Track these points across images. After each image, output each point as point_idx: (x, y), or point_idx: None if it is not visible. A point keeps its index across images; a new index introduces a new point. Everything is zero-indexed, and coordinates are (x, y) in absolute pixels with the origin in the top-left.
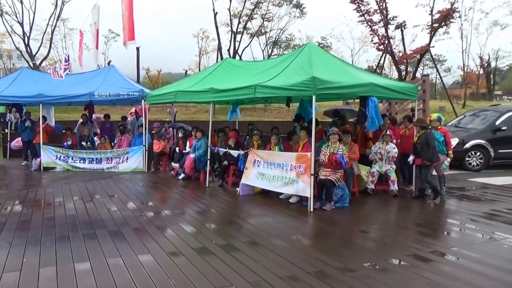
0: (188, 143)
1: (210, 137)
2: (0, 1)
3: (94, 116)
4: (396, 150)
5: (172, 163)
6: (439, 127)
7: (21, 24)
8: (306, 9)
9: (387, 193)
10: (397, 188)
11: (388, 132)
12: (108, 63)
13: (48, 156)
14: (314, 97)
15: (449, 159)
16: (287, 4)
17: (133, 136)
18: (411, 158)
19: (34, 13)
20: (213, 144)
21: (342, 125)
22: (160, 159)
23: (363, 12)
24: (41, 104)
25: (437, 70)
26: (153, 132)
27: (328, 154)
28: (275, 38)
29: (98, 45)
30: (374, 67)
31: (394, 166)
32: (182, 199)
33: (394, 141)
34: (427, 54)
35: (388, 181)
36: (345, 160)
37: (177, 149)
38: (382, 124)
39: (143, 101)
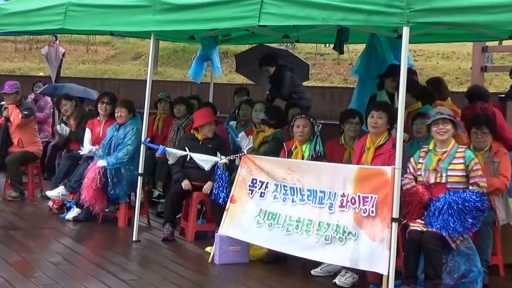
0: (88, 132)
1: (146, 119)
2: None
3: None
4: None
5: (48, 192)
6: None
7: None
8: None
9: None
10: None
11: None
12: None
13: None
14: (406, 31)
15: None
16: None
17: None
18: None
19: None
20: (155, 138)
21: (428, 100)
22: (24, 169)
23: None
24: None
25: None
26: (3, 104)
27: (425, 173)
28: None
29: None
30: None
31: None
32: (74, 268)
33: None
34: None
35: None
36: (479, 200)
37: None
38: None
39: None
